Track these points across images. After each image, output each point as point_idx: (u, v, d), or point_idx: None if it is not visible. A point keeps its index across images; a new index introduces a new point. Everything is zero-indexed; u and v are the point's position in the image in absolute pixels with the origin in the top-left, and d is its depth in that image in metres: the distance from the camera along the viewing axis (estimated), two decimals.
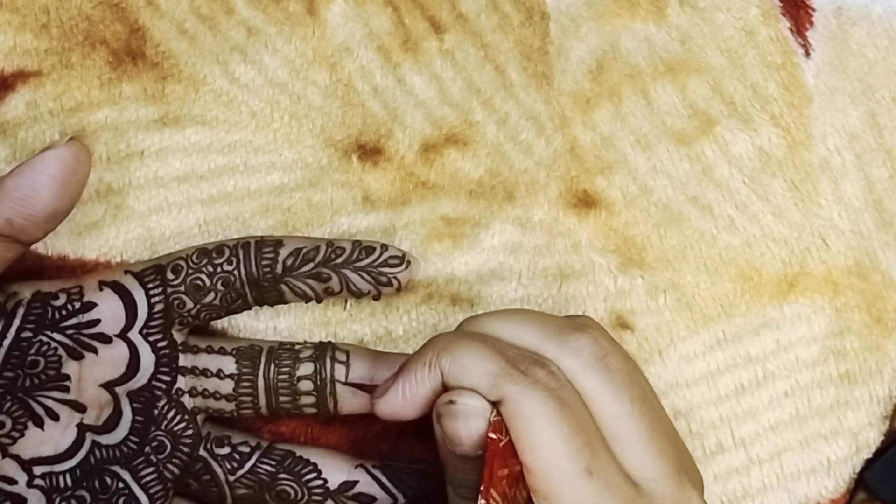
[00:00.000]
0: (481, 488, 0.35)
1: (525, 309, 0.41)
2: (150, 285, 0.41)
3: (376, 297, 0.42)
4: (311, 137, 0.44)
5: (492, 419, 0.36)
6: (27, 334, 0.40)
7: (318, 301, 0.42)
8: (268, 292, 0.41)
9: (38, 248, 0.43)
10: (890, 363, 0.45)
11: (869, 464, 0.45)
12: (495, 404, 0.36)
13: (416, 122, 0.44)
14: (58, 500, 0.40)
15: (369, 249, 0.41)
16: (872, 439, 0.45)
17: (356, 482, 0.42)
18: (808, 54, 0.45)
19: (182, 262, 0.41)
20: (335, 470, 0.42)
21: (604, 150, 0.45)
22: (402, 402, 0.37)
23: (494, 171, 0.44)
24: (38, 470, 0.40)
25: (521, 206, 0.45)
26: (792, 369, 0.45)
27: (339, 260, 0.41)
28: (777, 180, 0.45)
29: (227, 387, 0.41)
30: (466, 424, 0.36)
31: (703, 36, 0.45)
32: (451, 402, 0.36)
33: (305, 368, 0.41)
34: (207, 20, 0.43)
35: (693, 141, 0.45)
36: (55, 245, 0.43)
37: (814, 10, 0.45)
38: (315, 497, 0.41)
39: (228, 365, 0.41)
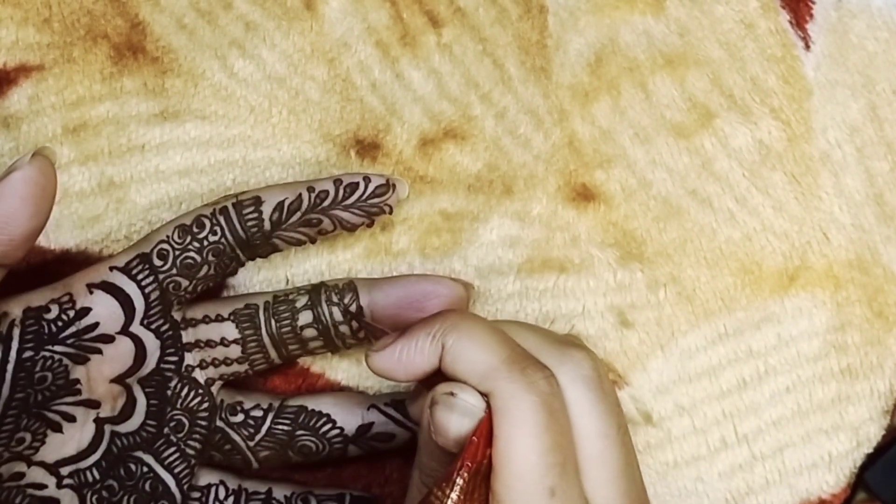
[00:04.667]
0: (453, 468, 0.34)
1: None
2: (140, 276, 0.40)
3: (370, 225, 0.41)
4: (310, 133, 0.44)
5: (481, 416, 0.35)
6: (28, 354, 0.39)
7: (313, 242, 0.41)
8: (261, 248, 0.41)
9: (41, 241, 0.43)
10: (891, 357, 0.45)
11: (869, 460, 0.45)
12: (484, 395, 0.35)
13: (415, 116, 0.44)
14: (89, 495, 0.40)
15: (353, 186, 0.40)
16: (873, 434, 0.45)
17: (371, 424, 0.42)
18: (807, 47, 0.45)
19: (166, 247, 0.40)
20: (348, 416, 0.42)
21: (603, 144, 0.45)
22: (396, 363, 0.37)
23: (493, 165, 0.44)
24: (64, 470, 0.40)
25: (519, 201, 0.44)
26: (793, 364, 0.45)
27: (326, 203, 0.40)
28: (777, 173, 0.45)
29: (234, 352, 0.41)
30: (459, 421, 0.35)
31: (703, 29, 0.45)
32: (452, 394, 0.36)
33: (305, 318, 0.41)
34: (206, 15, 0.43)
35: (692, 134, 0.45)
36: (58, 239, 0.43)
37: (814, 2, 0.45)
38: (336, 446, 0.42)
39: (230, 331, 0.41)
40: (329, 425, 0.42)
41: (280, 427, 0.42)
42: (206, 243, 0.40)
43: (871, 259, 0.45)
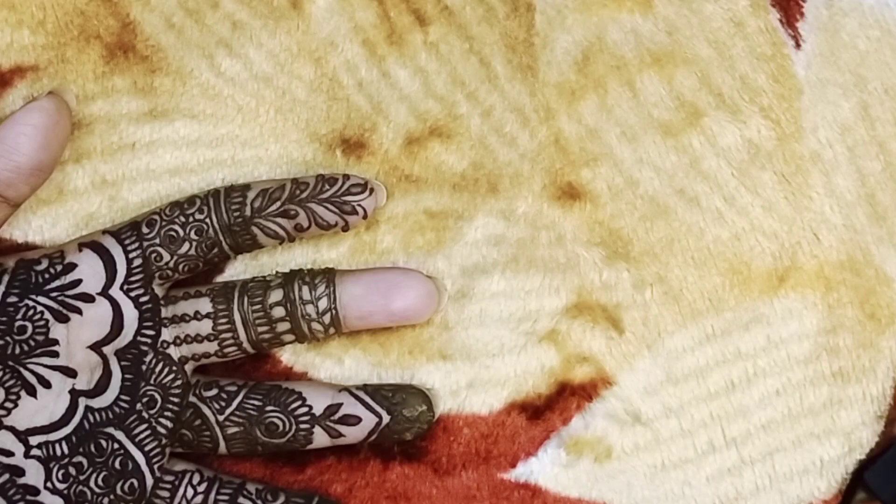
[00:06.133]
0: None
1: None
2: (127, 241, 0.42)
3: (345, 229, 0.42)
4: (297, 132, 0.44)
5: None
6: (13, 299, 0.41)
7: (291, 240, 0.42)
8: (241, 237, 0.42)
9: (35, 239, 0.44)
10: (884, 360, 0.44)
11: (862, 464, 0.44)
12: None
13: (401, 115, 0.44)
14: (56, 469, 0.41)
15: (332, 181, 0.42)
16: (866, 439, 0.44)
17: (340, 404, 0.42)
18: (798, 45, 0.45)
19: (156, 216, 0.42)
20: (319, 396, 0.42)
21: (589, 142, 0.44)
22: None
23: (478, 163, 0.44)
24: (34, 440, 0.41)
25: (504, 199, 0.44)
26: (784, 367, 0.44)
27: (304, 195, 0.41)
28: (767, 173, 0.44)
29: (206, 327, 0.42)
30: None
31: (691, 27, 0.44)
32: None
33: (275, 295, 0.42)
34: (194, 14, 0.44)
35: (680, 133, 0.44)
36: (52, 237, 0.44)
37: (804, 0, 0.45)
38: (302, 425, 0.42)
39: (204, 305, 0.42)
40: (298, 402, 0.42)
41: (251, 402, 0.42)
42: (191, 219, 0.42)
43: (863, 260, 0.44)
